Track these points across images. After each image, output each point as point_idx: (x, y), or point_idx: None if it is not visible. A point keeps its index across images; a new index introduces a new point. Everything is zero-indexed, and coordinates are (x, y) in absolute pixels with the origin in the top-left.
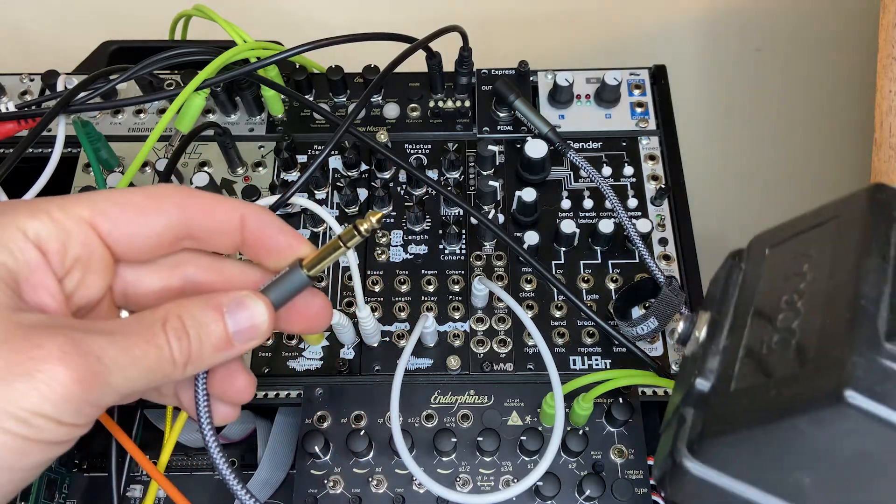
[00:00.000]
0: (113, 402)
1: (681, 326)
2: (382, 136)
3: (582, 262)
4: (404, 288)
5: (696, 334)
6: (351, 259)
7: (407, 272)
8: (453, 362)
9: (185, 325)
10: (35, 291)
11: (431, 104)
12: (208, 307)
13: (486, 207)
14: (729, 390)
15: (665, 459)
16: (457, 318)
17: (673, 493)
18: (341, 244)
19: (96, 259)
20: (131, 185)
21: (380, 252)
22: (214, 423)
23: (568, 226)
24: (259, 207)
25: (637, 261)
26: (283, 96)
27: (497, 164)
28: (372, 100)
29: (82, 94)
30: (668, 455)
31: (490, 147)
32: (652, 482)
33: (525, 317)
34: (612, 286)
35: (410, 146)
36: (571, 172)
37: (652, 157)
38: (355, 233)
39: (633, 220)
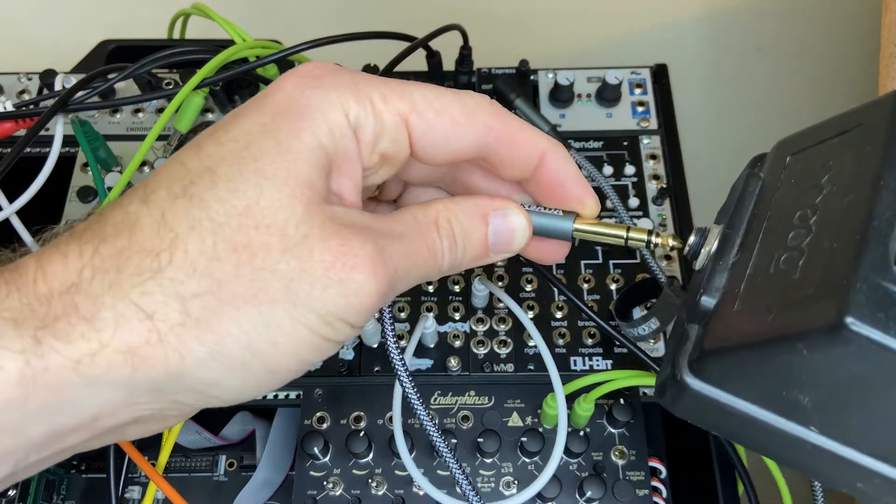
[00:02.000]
0: None
1: (691, 239)
2: None
3: (583, 261)
4: None
5: (705, 248)
6: None
7: None
8: (453, 363)
9: (454, 230)
10: (340, 180)
11: None
12: (475, 214)
13: None
14: (732, 310)
15: (667, 374)
16: (457, 318)
17: (674, 408)
18: (623, 235)
19: (399, 158)
20: (130, 185)
21: None
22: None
23: None
24: (562, 149)
25: (638, 261)
26: None
27: None
28: None
29: (80, 94)
30: (669, 370)
31: None
32: (653, 483)
33: (525, 317)
34: (613, 286)
35: None
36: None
37: (653, 157)
38: (645, 237)
39: (635, 220)
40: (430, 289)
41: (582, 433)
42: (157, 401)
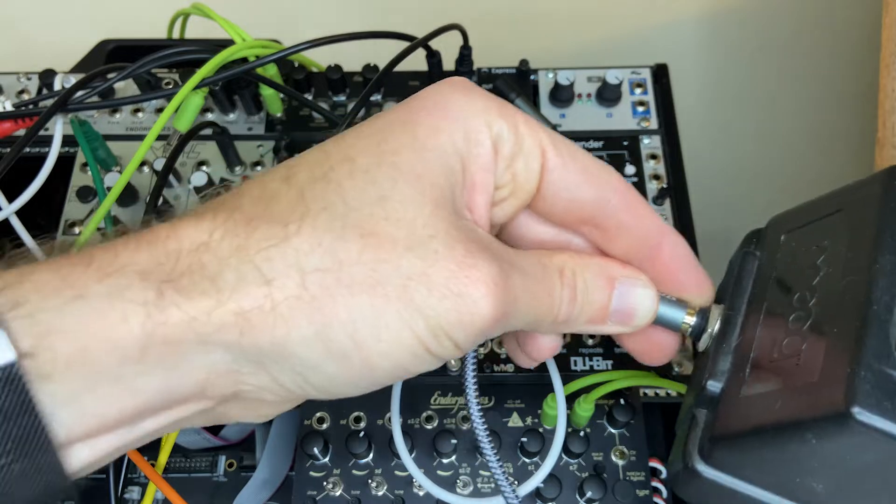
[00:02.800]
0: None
1: (693, 321)
2: None
3: None
4: None
5: (709, 329)
6: None
7: None
8: (454, 363)
9: (577, 284)
10: (471, 192)
11: None
12: (602, 275)
13: None
14: (738, 395)
15: (678, 460)
16: None
17: (686, 494)
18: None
19: (526, 188)
20: (129, 184)
21: None
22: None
23: None
24: (680, 238)
25: None
26: (281, 95)
27: None
28: (371, 99)
29: (80, 93)
30: (680, 456)
31: None
32: (654, 483)
33: None
34: None
35: None
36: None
37: (653, 157)
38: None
39: None
40: None
41: (582, 433)
42: (258, 373)
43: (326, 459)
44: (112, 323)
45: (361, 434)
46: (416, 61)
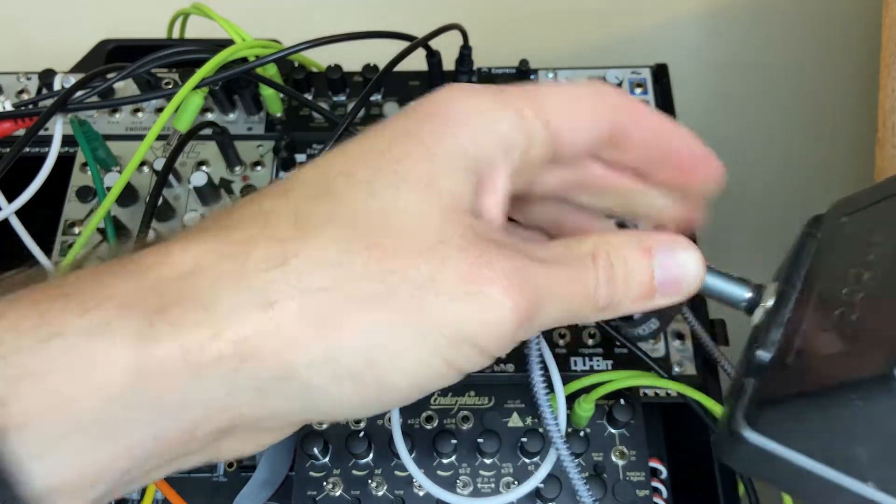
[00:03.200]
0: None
1: (748, 294)
2: None
3: None
4: None
5: (763, 304)
6: None
7: None
8: None
9: (614, 263)
10: (483, 192)
11: None
12: (638, 248)
13: None
14: (787, 363)
15: (724, 428)
16: None
17: (731, 462)
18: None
19: (539, 163)
20: (129, 184)
21: None
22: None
23: None
24: (685, 130)
25: None
26: (281, 95)
27: None
28: (371, 99)
29: (79, 93)
30: (726, 424)
31: None
32: (654, 484)
33: None
34: None
35: None
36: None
37: None
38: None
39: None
40: None
41: (582, 433)
42: (256, 405)
43: (326, 459)
44: (94, 362)
45: (361, 434)
46: (416, 61)
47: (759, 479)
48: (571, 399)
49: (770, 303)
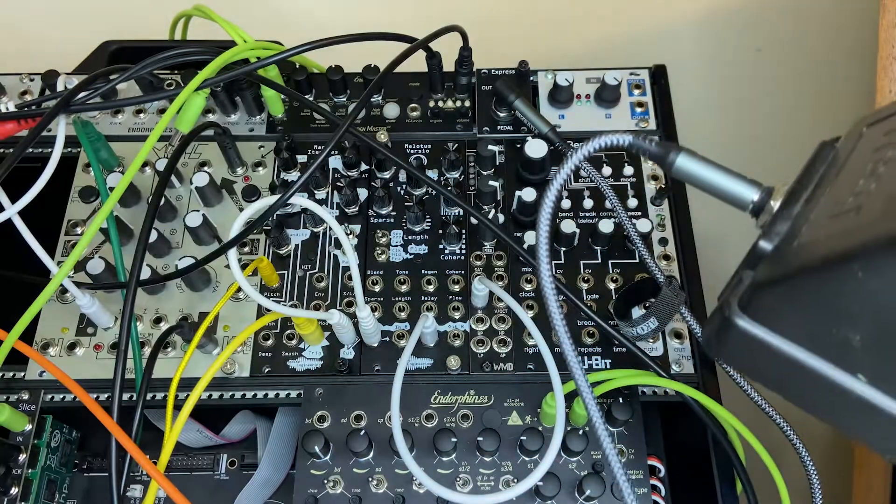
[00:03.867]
0: None
1: (756, 196)
2: (382, 136)
3: (582, 261)
4: (404, 288)
5: (770, 204)
6: (351, 259)
7: (407, 272)
8: (453, 362)
9: None
10: None
11: (431, 104)
12: None
13: (486, 207)
14: (788, 248)
15: (715, 317)
16: (457, 318)
17: (720, 353)
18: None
19: None
20: (131, 185)
21: (380, 252)
22: None
23: (568, 226)
24: None
25: (637, 261)
26: (283, 96)
27: (497, 163)
28: (372, 100)
29: (82, 94)
30: (717, 312)
31: (490, 147)
32: (652, 482)
33: (525, 316)
34: (612, 286)
35: (410, 146)
36: (572, 172)
37: None
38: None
39: (634, 220)
40: (431, 288)
41: (581, 432)
42: None
43: (327, 458)
44: None
45: (362, 433)
46: (417, 62)
47: (747, 375)
48: (570, 398)
49: (777, 204)
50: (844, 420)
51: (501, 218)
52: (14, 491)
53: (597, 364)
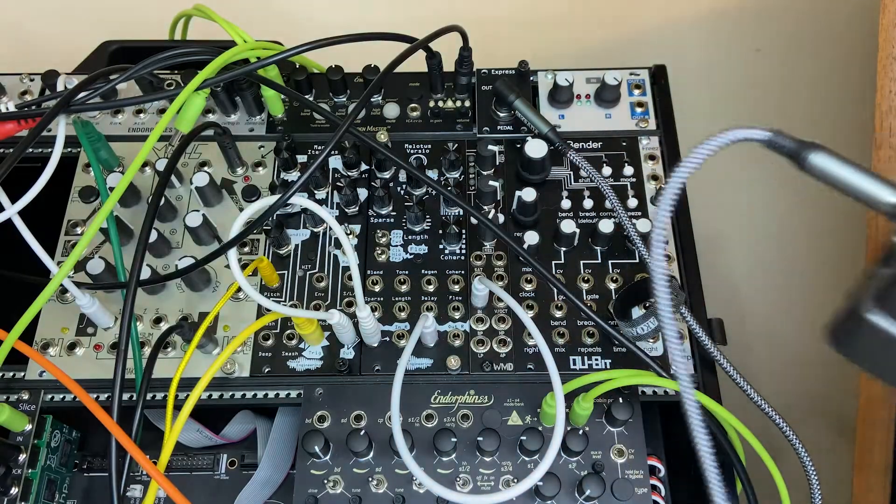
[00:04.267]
0: None
1: (894, 199)
2: (382, 136)
3: (582, 261)
4: (404, 288)
5: None
6: (351, 259)
7: (407, 272)
8: (453, 362)
9: None
10: None
11: (431, 104)
12: None
13: (486, 207)
14: None
15: (843, 313)
16: (457, 318)
17: (847, 348)
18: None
19: None
20: (132, 185)
21: (380, 252)
22: None
23: (568, 226)
24: None
25: (637, 261)
26: (283, 96)
27: (497, 164)
28: (372, 100)
29: (82, 94)
30: (847, 308)
31: (490, 147)
32: (652, 482)
33: (525, 317)
34: (612, 286)
35: (410, 146)
36: (571, 172)
37: (652, 157)
38: None
39: (633, 220)
40: (431, 288)
41: (581, 432)
42: None
43: (327, 458)
44: None
45: (362, 433)
46: (417, 62)
47: (872, 372)
48: (570, 398)
49: None
50: None
51: (501, 218)
52: (14, 491)
53: (597, 364)
